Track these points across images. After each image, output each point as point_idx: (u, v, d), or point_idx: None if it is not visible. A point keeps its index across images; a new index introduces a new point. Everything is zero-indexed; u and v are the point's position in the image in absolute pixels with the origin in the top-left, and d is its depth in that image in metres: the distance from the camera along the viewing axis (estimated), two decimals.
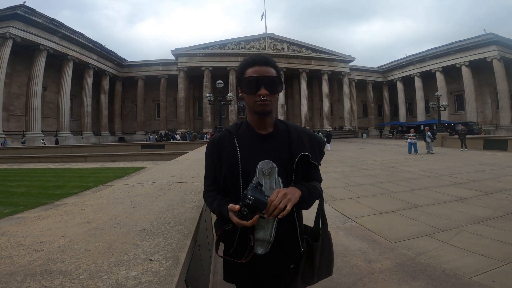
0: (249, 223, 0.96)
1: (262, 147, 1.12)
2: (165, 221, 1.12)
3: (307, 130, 1.26)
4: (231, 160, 1.11)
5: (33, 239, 0.92)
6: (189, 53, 37.83)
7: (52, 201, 6.01)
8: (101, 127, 36.90)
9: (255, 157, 1.10)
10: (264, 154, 1.11)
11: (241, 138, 1.15)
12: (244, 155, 1.11)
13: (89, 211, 1.28)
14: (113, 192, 1.74)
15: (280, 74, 1.17)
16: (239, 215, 0.96)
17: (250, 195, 0.94)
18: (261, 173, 1.09)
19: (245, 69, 1.14)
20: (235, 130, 1.19)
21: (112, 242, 0.88)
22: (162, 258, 0.77)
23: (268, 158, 1.10)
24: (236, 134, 1.16)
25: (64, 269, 0.70)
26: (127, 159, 15.25)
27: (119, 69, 39.73)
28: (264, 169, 1.09)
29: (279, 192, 0.97)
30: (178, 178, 2.29)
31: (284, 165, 1.10)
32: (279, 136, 1.15)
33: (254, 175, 1.08)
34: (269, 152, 1.11)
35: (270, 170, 1.09)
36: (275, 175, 1.10)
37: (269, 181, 1.10)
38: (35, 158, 16.11)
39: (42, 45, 26.81)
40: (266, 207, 0.94)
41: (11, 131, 25.68)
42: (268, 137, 1.15)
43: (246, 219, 0.95)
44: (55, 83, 30.35)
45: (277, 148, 1.12)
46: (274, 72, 1.13)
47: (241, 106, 42.39)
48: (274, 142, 1.14)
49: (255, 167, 1.09)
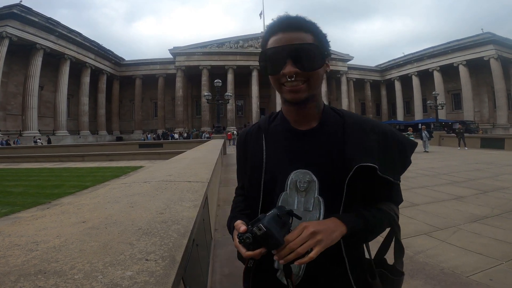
0: (247, 255, 0.67)
1: (298, 149, 0.80)
2: (161, 220, 1.11)
3: (378, 123, 0.83)
4: (254, 164, 0.84)
5: (27, 239, 0.91)
6: (187, 52, 37.75)
7: (49, 201, 5.99)
8: (99, 126, 36.77)
9: (286, 163, 0.79)
10: (301, 160, 0.78)
11: (272, 134, 0.85)
12: (272, 159, 0.82)
13: (85, 211, 1.27)
14: (110, 191, 1.73)
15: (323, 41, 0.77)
16: (240, 239, 0.68)
17: (264, 223, 0.64)
18: (293, 188, 0.78)
19: (267, 39, 0.79)
20: (265, 124, 0.89)
21: (107, 242, 0.87)
22: (158, 257, 0.76)
23: (306, 167, 0.77)
24: (265, 130, 0.87)
25: (59, 269, 0.69)
26: (125, 159, 15.21)
27: (116, 68, 39.57)
28: (298, 182, 0.77)
29: (305, 229, 0.65)
30: (176, 177, 2.28)
31: (329, 178, 0.75)
32: (326, 134, 0.79)
33: (282, 189, 0.79)
34: (309, 158, 0.78)
35: (308, 184, 0.76)
36: (314, 193, 0.76)
37: (304, 200, 0.77)
38: (33, 157, 16.03)
39: (38, 44, 26.67)
40: (279, 247, 0.65)
41: (8, 131, 25.53)
42: (309, 135, 0.80)
43: (247, 248, 0.67)
44: (52, 82, 30.20)
45: (321, 152, 0.77)
46: (308, 39, 0.74)
47: (239, 105, 42.39)
48: (317, 143, 0.79)
49: (285, 178, 0.78)
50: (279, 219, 0.66)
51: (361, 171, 0.72)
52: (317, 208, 0.76)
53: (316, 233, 0.65)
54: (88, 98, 34.09)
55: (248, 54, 38.20)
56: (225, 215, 4.18)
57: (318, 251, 0.65)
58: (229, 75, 36.89)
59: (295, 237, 0.65)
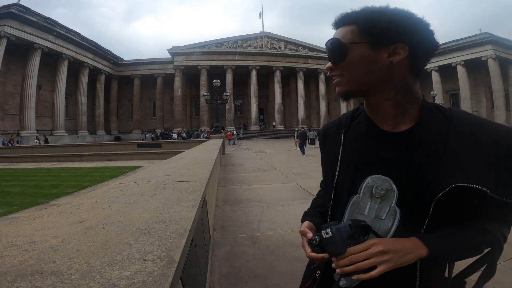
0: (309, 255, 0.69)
1: (380, 152, 0.71)
2: (160, 220, 1.10)
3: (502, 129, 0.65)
4: (328, 161, 0.82)
5: (24, 239, 0.91)
6: (186, 52, 37.74)
7: (47, 201, 5.96)
8: (97, 126, 36.71)
9: (364, 166, 0.73)
10: (382, 165, 0.70)
11: (352, 132, 0.79)
12: (348, 159, 0.77)
13: (83, 211, 1.26)
14: (108, 191, 1.72)
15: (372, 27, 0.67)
16: (308, 240, 0.71)
17: (333, 229, 0.65)
18: (367, 192, 0.72)
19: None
20: (347, 121, 0.82)
21: (105, 242, 0.87)
22: (156, 257, 0.76)
23: (386, 174, 0.69)
24: (346, 127, 0.81)
25: (56, 269, 0.69)
26: (123, 158, 15.18)
27: (115, 68, 39.50)
28: (375, 188, 0.71)
29: (374, 246, 0.61)
30: (174, 177, 2.27)
31: (412, 191, 0.66)
32: (421, 139, 0.67)
33: (354, 192, 0.74)
34: (391, 164, 0.69)
35: (385, 192, 0.69)
36: (391, 202, 0.69)
37: (377, 207, 0.70)
38: (30, 157, 15.97)
39: (36, 43, 26.62)
40: (340, 256, 0.63)
41: (6, 131, 25.44)
42: (398, 139, 0.70)
43: (312, 248, 0.70)
44: (50, 82, 30.12)
45: (408, 161, 0.67)
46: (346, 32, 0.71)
47: (238, 105, 42.40)
48: (406, 148, 0.68)
49: (360, 181, 0.73)
50: (351, 229, 0.64)
51: (460, 190, 0.59)
52: (391, 218, 0.68)
53: (385, 253, 0.60)
54: (86, 98, 34.02)
55: (247, 54, 38.23)
56: (224, 215, 4.20)
57: (382, 271, 0.60)
58: (228, 75, 36.90)
59: (359, 250, 0.61)
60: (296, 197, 5.51)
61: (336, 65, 0.72)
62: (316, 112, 43.32)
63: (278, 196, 5.57)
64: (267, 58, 38.69)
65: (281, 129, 38.10)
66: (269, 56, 38.76)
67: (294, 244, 3.15)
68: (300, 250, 2.73)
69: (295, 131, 22.95)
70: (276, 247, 3.10)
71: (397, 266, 0.61)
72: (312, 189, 6.13)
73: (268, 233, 3.54)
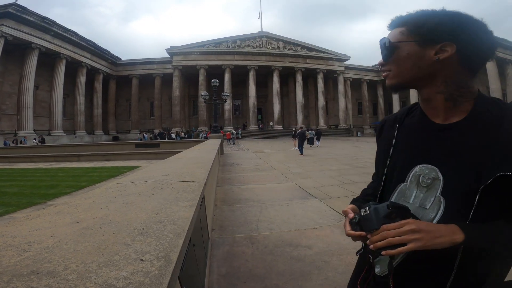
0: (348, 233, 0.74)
1: (430, 144, 0.75)
2: (157, 220, 1.10)
3: None
4: (381, 150, 0.88)
5: (21, 239, 0.90)
6: (184, 52, 37.68)
7: (44, 201, 5.94)
8: (95, 126, 36.61)
9: (413, 156, 0.77)
10: (430, 155, 0.74)
11: (407, 126, 0.84)
12: (399, 149, 0.82)
13: (80, 211, 1.26)
14: (105, 191, 1.71)
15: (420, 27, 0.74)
16: (350, 221, 0.76)
17: (371, 208, 0.70)
18: (414, 181, 0.76)
19: None
20: (402, 115, 0.88)
21: (102, 242, 0.86)
22: (153, 258, 0.76)
23: (433, 163, 0.73)
24: (401, 120, 0.87)
25: (52, 269, 0.68)
26: (121, 158, 15.13)
27: (113, 68, 39.40)
28: (422, 177, 0.74)
29: (407, 224, 0.64)
30: (172, 177, 2.27)
31: (458, 181, 0.68)
32: (472, 131, 0.69)
33: (402, 180, 0.78)
34: (439, 154, 0.72)
35: (432, 181, 0.72)
36: (436, 191, 0.71)
37: (422, 196, 0.74)
38: (28, 157, 15.90)
39: (34, 43, 26.51)
40: (374, 232, 0.68)
41: (3, 131, 25.32)
42: (448, 130, 0.73)
43: (352, 227, 0.75)
44: (47, 81, 30.01)
45: (456, 151, 0.70)
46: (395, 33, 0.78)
47: (236, 104, 42.40)
48: (455, 140, 0.71)
49: (408, 170, 0.77)
50: (387, 209, 0.68)
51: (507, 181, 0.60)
52: (435, 208, 0.71)
53: (417, 231, 0.63)
54: (84, 97, 33.91)
55: (246, 54, 38.24)
56: (223, 215, 4.20)
57: (411, 248, 0.62)
58: (226, 75, 36.90)
59: (392, 228, 0.65)
60: (295, 196, 5.52)
61: (386, 61, 0.79)
62: (314, 111, 43.38)
63: (277, 196, 5.57)
64: (266, 58, 38.70)
65: (280, 129, 38.14)
66: (267, 56, 38.78)
67: (293, 243, 3.15)
68: (299, 250, 2.73)
69: (292, 131, 22.99)
70: (275, 246, 3.10)
71: (427, 247, 0.62)
72: (310, 188, 6.14)
73: (267, 233, 3.54)
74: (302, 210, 4.51)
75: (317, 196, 5.50)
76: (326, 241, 3.24)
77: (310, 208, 4.68)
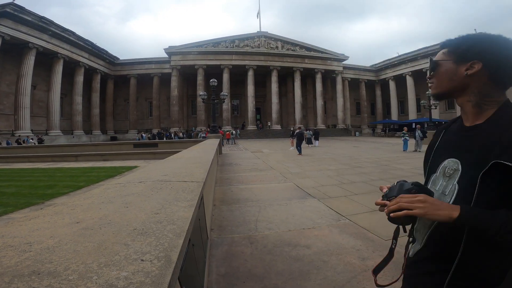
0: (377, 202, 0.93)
1: (458, 142, 0.93)
2: (157, 220, 1.10)
3: None
4: (429, 148, 1.06)
5: (21, 240, 0.90)
6: (182, 51, 37.59)
7: (42, 201, 5.92)
8: (93, 126, 36.45)
9: (446, 152, 0.95)
10: (456, 150, 0.91)
11: (450, 130, 1.02)
12: (440, 147, 1.00)
13: (79, 211, 1.26)
14: (104, 192, 1.71)
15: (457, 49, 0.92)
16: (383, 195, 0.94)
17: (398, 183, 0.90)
18: (442, 172, 0.94)
19: None
20: (450, 122, 1.06)
21: (102, 242, 0.87)
22: (154, 258, 0.76)
23: (457, 157, 0.90)
24: (448, 126, 1.04)
25: (53, 269, 0.69)
26: (119, 158, 15.10)
27: (111, 67, 39.24)
28: (447, 169, 0.91)
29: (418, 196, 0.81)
30: (171, 177, 2.27)
31: (470, 171, 0.83)
32: (489, 131, 0.85)
33: (434, 171, 0.98)
34: (462, 150, 0.89)
35: (453, 172, 0.89)
36: (454, 180, 0.88)
37: (445, 184, 0.91)
38: (25, 157, 15.83)
39: (31, 43, 26.33)
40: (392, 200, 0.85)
41: (1, 130, 25.18)
42: (470, 131, 0.90)
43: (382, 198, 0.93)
44: (45, 81, 29.85)
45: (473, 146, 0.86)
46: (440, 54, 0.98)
47: (235, 104, 42.36)
48: (475, 138, 0.87)
49: (440, 163, 0.96)
50: (410, 186, 0.86)
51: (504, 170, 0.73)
52: (451, 194, 0.87)
53: (423, 202, 0.79)
54: (82, 97, 33.74)
55: (244, 54, 38.20)
56: (221, 215, 4.20)
57: (414, 213, 0.79)
58: (224, 75, 36.83)
59: (406, 197, 0.82)
60: (293, 196, 5.53)
61: (430, 75, 0.99)
62: (313, 111, 43.41)
63: (275, 195, 5.58)
64: (264, 58, 38.68)
65: (278, 129, 38.14)
66: (266, 55, 38.76)
67: (292, 243, 3.16)
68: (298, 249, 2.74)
69: (291, 131, 23.01)
70: (274, 246, 3.11)
71: (428, 215, 0.78)
72: (309, 188, 6.15)
73: (266, 232, 3.54)
74: (301, 210, 4.52)
75: (316, 196, 5.51)
76: (324, 240, 3.25)
77: (309, 208, 4.69)
